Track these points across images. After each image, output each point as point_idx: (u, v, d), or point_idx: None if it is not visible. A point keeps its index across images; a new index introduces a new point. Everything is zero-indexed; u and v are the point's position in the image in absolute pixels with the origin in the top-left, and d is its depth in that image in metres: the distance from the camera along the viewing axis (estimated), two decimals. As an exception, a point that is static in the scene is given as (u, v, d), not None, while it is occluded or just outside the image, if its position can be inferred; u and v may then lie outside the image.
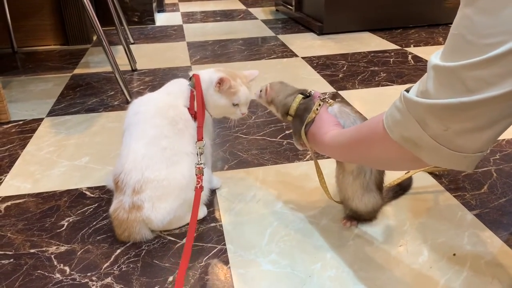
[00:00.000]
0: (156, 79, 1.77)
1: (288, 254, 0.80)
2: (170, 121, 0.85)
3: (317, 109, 0.80)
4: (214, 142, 1.22)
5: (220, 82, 0.88)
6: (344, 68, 1.82)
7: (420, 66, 1.81)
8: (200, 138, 0.85)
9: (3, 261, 0.80)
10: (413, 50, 2.05)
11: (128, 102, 1.52)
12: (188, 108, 0.88)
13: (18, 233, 0.88)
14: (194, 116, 0.88)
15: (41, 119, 1.41)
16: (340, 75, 1.74)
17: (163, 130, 0.84)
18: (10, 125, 1.38)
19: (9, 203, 0.97)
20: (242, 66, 1.89)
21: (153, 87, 1.68)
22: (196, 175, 0.82)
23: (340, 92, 1.56)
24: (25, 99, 1.59)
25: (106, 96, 1.60)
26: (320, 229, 0.86)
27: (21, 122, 1.39)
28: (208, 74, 0.91)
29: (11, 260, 0.80)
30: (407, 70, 1.77)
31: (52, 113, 1.46)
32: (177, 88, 0.92)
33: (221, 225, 0.88)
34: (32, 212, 0.94)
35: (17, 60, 2.09)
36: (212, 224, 0.89)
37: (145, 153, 0.82)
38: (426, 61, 1.86)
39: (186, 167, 0.84)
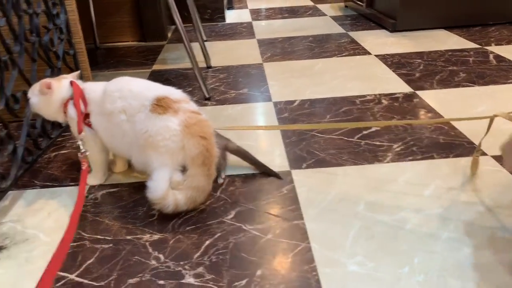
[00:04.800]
0: (230, 76, 1.82)
1: (374, 257, 0.80)
2: None
3: None
4: (290, 140, 1.24)
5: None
6: (421, 67, 1.77)
7: (503, 67, 1.72)
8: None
9: (104, 246, 0.87)
10: (495, 49, 1.95)
11: (206, 99, 1.58)
12: None
13: (114, 220, 0.95)
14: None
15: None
16: (417, 75, 1.69)
17: None
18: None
19: (104, 192, 1.05)
20: (313, 64, 1.89)
21: (227, 84, 1.72)
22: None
23: (417, 92, 1.52)
24: (110, 93, 1.69)
25: (185, 92, 1.66)
26: (405, 233, 0.86)
27: (108, 115, 1.49)
28: None
29: (111, 245, 0.87)
30: (488, 71, 1.69)
31: (135, 107, 1.54)
32: None
33: (303, 223, 0.90)
34: (126, 201, 1.01)
35: (100, 55, 2.22)
36: (295, 222, 0.91)
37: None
38: (510, 60, 1.77)
39: None
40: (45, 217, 0.97)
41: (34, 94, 1.00)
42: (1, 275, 0.81)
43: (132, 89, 0.94)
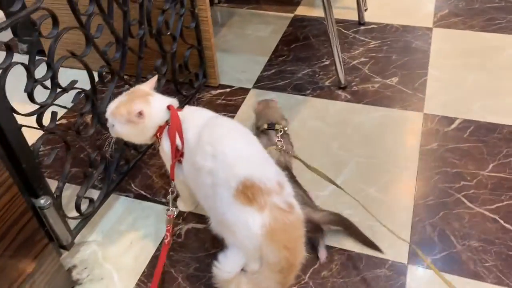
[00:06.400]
0: (383, 46, 1.45)
1: None
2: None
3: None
4: (425, 201, 0.96)
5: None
6: None
7: None
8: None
9: (166, 320, 0.80)
10: None
11: (340, 87, 1.29)
12: None
13: (188, 280, 0.86)
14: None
15: (247, 90, 1.31)
16: None
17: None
18: (218, 91, 1.32)
19: (190, 226, 0.95)
20: (504, 43, 1.39)
21: (376, 62, 1.38)
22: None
23: None
24: (239, 49, 1.50)
25: (320, 67, 1.38)
26: None
27: (228, 90, 1.32)
28: None
29: (174, 321, 0.80)
30: None
31: (259, 82, 1.34)
32: None
33: None
34: (207, 251, 0.91)
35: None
36: None
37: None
38: None
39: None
40: (127, 248, 0.93)
41: (119, 121, 0.82)
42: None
43: (226, 152, 0.75)
